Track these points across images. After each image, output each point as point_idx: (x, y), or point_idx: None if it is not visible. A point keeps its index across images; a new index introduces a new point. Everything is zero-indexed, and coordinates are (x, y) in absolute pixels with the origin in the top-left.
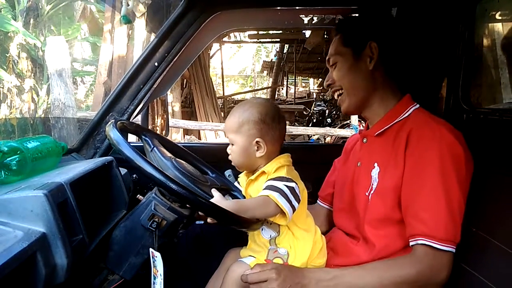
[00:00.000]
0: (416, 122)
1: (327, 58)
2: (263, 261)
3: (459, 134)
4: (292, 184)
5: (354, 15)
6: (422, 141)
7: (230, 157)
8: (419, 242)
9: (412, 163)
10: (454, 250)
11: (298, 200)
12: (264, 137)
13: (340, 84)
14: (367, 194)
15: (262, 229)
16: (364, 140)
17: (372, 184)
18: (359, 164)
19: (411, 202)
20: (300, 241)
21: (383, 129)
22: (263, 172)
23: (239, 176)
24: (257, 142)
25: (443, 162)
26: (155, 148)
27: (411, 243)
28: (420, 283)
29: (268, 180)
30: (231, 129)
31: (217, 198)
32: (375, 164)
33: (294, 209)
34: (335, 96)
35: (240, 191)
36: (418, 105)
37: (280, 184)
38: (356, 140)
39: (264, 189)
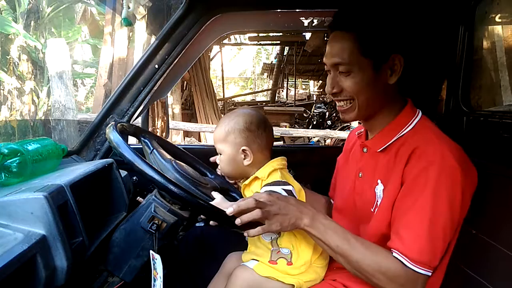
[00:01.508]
0: (420, 139)
1: (333, 61)
2: (267, 263)
3: (460, 151)
4: (289, 187)
5: (373, 18)
6: (421, 160)
7: (219, 167)
8: (394, 254)
9: (409, 180)
10: (428, 274)
11: None
12: (250, 145)
13: (352, 95)
14: (372, 210)
15: None
16: (365, 150)
17: (377, 201)
18: (360, 175)
19: (397, 218)
20: (302, 240)
21: (386, 145)
22: (256, 178)
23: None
24: (243, 150)
25: (438, 186)
26: (154, 150)
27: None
28: (386, 282)
29: (264, 185)
30: (218, 139)
31: (218, 200)
32: (379, 181)
33: None
34: (341, 104)
35: (239, 192)
36: (420, 114)
37: (277, 189)
38: (354, 140)
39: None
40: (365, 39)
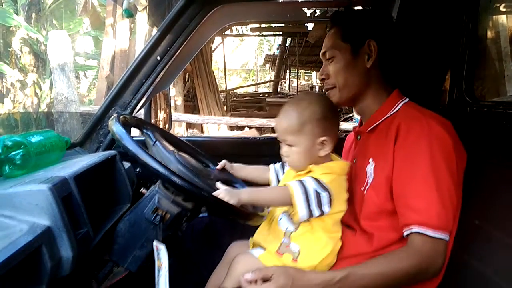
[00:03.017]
0: (405, 116)
1: (322, 51)
2: (274, 252)
3: (449, 125)
4: (324, 193)
5: (353, 8)
6: (411, 133)
7: (286, 159)
8: (414, 231)
9: (402, 155)
10: (447, 238)
11: (321, 210)
12: (329, 135)
13: (334, 81)
14: (362, 189)
15: (280, 218)
16: (358, 137)
17: (368, 179)
18: (355, 161)
19: (403, 193)
20: (317, 244)
21: (374, 125)
22: (310, 171)
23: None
24: (322, 141)
25: (433, 154)
26: (157, 142)
27: (405, 233)
28: (420, 273)
29: (308, 177)
30: (291, 130)
31: (222, 191)
32: (370, 160)
33: (311, 214)
34: (327, 88)
35: (242, 183)
36: (407, 99)
37: (310, 185)
38: (352, 139)
39: (297, 180)
40: (345, 27)
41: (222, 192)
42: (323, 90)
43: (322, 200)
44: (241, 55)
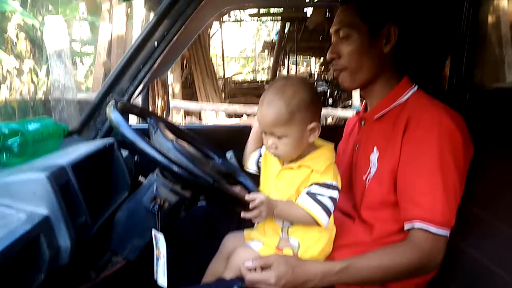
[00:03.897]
0: (415, 107)
1: (335, 27)
2: (274, 248)
3: (459, 118)
4: (335, 194)
5: None
6: (420, 126)
7: (274, 152)
8: (416, 226)
9: (410, 148)
10: (448, 234)
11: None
12: (317, 120)
13: (347, 62)
14: (364, 178)
15: None
16: (362, 122)
17: (371, 168)
18: (357, 147)
19: (408, 186)
20: (314, 236)
21: (382, 113)
22: (308, 168)
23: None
24: (312, 128)
25: (441, 148)
26: (158, 130)
27: (406, 227)
28: (420, 268)
29: (314, 184)
30: (279, 122)
31: (261, 203)
32: (374, 148)
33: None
34: (336, 72)
35: (245, 176)
36: (416, 87)
37: (325, 197)
38: (354, 122)
39: (308, 195)
40: (365, 6)
41: (260, 203)
42: (333, 71)
43: (337, 200)
44: (239, 41)
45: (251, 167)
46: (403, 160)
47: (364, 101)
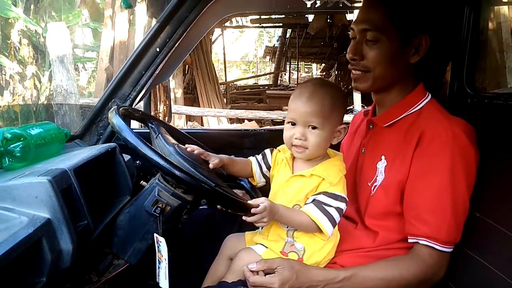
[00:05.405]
0: (429, 120)
1: (363, 27)
2: (278, 253)
3: (471, 131)
4: (343, 206)
5: None
6: (434, 142)
7: (299, 143)
8: (421, 242)
9: (421, 163)
10: (451, 250)
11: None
12: (343, 123)
13: (371, 65)
14: (369, 184)
15: None
16: (371, 126)
17: (377, 176)
18: (363, 150)
19: (416, 202)
20: (320, 242)
21: (393, 121)
22: (319, 176)
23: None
24: (339, 129)
25: (454, 165)
26: (159, 135)
27: (411, 241)
28: (423, 282)
29: (323, 194)
30: (321, 113)
31: (264, 209)
32: (382, 157)
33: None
34: (357, 72)
35: (246, 179)
36: (430, 96)
37: (332, 208)
38: (360, 120)
39: (314, 203)
40: (399, 10)
41: (263, 208)
42: (351, 69)
43: (343, 211)
44: (241, 47)
45: (259, 180)
46: (413, 174)
47: (372, 104)
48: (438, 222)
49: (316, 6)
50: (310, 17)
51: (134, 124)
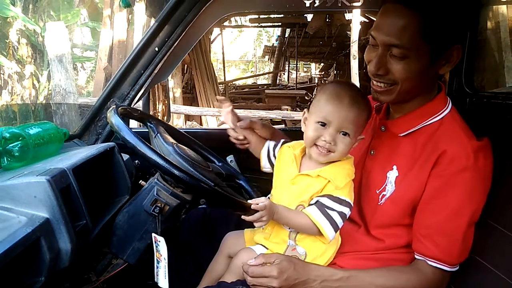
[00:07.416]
0: (450, 138)
1: (390, 42)
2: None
3: (490, 148)
4: (347, 211)
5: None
6: (454, 164)
7: (328, 146)
8: (429, 263)
9: (439, 184)
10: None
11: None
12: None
13: (398, 80)
14: (377, 192)
15: None
16: (383, 128)
17: (386, 185)
18: (372, 152)
19: (428, 222)
20: (321, 246)
21: (410, 131)
22: (325, 178)
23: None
24: (360, 138)
25: (473, 189)
26: (158, 135)
27: (418, 258)
28: None
29: (326, 196)
30: (357, 121)
31: (264, 206)
32: (394, 167)
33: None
34: (380, 85)
35: (245, 178)
36: (450, 106)
37: (335, 212)
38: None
39: (317, 206)
40: (431, 22)
41: (263, 207)
42: (375, 82)
43: (347, 216)
44: (240, 46)
45: (265, 165)
46: (429, 193)
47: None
48: (450, 246)
49: (315, 5)
50: (309, 17)
51: (133, 123)
